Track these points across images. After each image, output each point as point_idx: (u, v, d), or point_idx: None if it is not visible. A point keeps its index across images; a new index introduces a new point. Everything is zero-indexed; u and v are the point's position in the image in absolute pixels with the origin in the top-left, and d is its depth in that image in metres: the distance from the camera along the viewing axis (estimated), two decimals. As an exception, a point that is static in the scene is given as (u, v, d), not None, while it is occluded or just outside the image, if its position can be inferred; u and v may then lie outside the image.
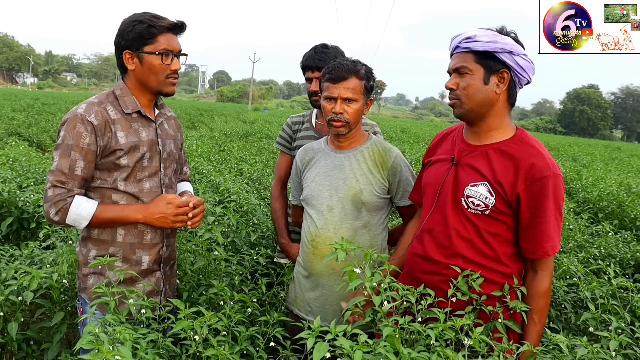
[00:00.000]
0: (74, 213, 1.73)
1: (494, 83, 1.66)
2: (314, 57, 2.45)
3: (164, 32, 1.81)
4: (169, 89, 1.87)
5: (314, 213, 2.05)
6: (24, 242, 3.00)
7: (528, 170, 1.60)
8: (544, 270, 1.66)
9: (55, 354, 2.06)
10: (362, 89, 1.99)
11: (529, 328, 1.61)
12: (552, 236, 1.61)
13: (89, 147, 1.74)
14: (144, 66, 1.81)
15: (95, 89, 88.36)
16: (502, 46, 1.62)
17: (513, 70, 1.66)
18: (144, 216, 1.81)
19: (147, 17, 1.80)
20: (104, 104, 1.81)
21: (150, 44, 1.79)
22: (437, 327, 1.37)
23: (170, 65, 1.82)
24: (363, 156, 2.05)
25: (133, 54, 1.80)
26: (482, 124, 1.71)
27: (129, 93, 1.86)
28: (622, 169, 12.71)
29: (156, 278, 1.92)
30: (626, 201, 5.78)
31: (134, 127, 1.84)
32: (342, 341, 1.24)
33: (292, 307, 2.15)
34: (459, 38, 1.69)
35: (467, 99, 1.68)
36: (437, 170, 1.81)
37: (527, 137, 1.70)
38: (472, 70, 1.66)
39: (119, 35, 1.81)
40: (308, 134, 2.58)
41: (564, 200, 1.65)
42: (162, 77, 1.83)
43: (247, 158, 7.38)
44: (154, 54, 1.79)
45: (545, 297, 1.65)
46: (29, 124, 12.30)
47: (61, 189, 1.73)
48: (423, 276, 1.74)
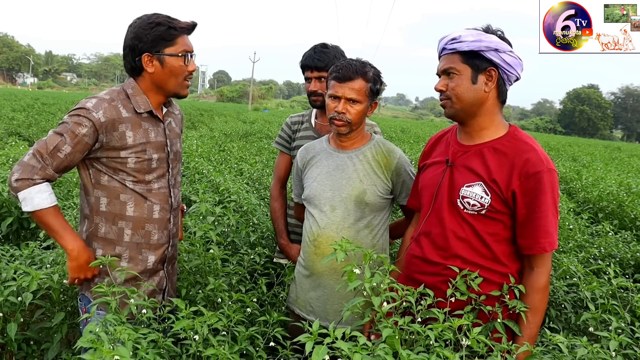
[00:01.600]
0: (30, 193, 1.69)
1: (482, 82, 1.67)
2: (313, 57, 2.44)
3: (183, 34, 1.81)
4: (185, 91, 1.88)
5: (316, 212, 2.05)
6: (24, 242, 3.00)
7: (522, 166, 1.61)
8: (540, 267, 1.65)
9: (55, 354, 2.06)
10: (367, 91, 1.98)
11: (523, 325, 1.61)
12: (549, 232, 1.61)
13: (83, 138, 1.71)
14: (164, 68, 1.80)
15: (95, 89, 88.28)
16: (487, 44, 1.63)
17: (500, 68, 1.67)
18: (72, 250, 1.74)
19: (164, 19, 1.78)
20: (115, 101, 1.79)
21: (170, 45, 1.78)
22: (436, 328, 1.37)
23: (188, 67, 1.83)
24: (366, 157, 2.05)
25: (153, 57, 1.78)
26: (473, 123, 1.72)
27: (141, 93, 1.84)
28: (622, 169, 12.71)
29: (160, 277, 1.92)
30: (626, 201, 5.78)
31: (144, 127, 1.82)
32: (341, 344, 1.24)
33: (293, 307, 2.15)
34: (445, 40, 1.71)
35: (457, 99, 1.70)
36: (432, 173, 1.82)
37: (520, 134, 1.71)
38: (460, 70, 1.68)
39: (134, 37, 1.78)
40: (307, 134, 2.57)
41: (559, 196, 1.64)
42: (181, 79, 1.83)
43: (247, 158, 7.37)
44: (176, 56, 1.79)
45: (541, 294, 1.63)
46: (29, 124, 12.30)
47: (37, 162, 1.70)
48: (422, 277, 1.74)
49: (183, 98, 1.91)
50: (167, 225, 1.91)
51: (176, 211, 1.97)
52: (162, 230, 1.88)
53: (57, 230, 1.75)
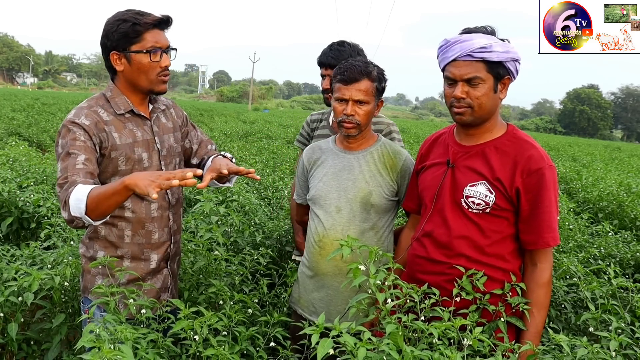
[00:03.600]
0: (73, 199, 1.59)
1: (499, 90, 1.70)
2: (328, 54, 2.40)
3: (150, 29, 1.75)
4: (160, 87, 1.82)
5: (321, 213, 2.04)
6: (24, 242, 3.00)
7: (525, 163, 1.64)
8: (543, 262, 1.68)
9: (55, 355, 2.06)
10: (373, 91, 1.97)
11: (529, 321, 1.62)
12: (552, 227, 1.65)
13: (85, 144, 1.69)
14: (132, 66, 1.76)
15: (95, 89, 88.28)
16: (512, 56, 1.66)
17: (512, 75, 1.71)
18: (129, 177, 1.53)
19: (131, 15, 1.74)
20: (93, 107, 1.77)
21: (136, 42, 1.73)
22: (439, 326, 1.38)
23: (159, 62, 1.77)
24: (373, 158, 2.05)
25: (120, 55, 1.76)
26: (481, 126, 1.74)
27: (119, 94, 1.81)
28: (622, 169, 12.71)
29: (164, 275, 1.92)
30: (626, 201, 5.78)
31: (128, 127, 1.80)
32: (346, 338, 1.24)
33: (296, 307, 2.14)
34: (467, 45, 1.64)
35: (480, 108, 1.68)
36: (432, 174, 1.83)
37: (519, 133, 1.75)
38: (485, 79, 1.65)
39: (103, 36, 1.76)
40: (324, 132, 2.55)
41: (558, 191, 1.70)
42: (153, 75, 1.78)
43: (247, 158, 7.37)
44: (141, 53, 1.74)
45: (545, 288, 1.66)
46: (29, 124, 12.29)
47: (64, 184, 1.67)
48: (425, 277, 1.76)
49: (161, 94, 1.86)
50: (167, 222, 1.91)
51: (175, 207, 1.97)
52: (163, 228, 1.88)
53: (107, 190, 1.55)
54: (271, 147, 9.48)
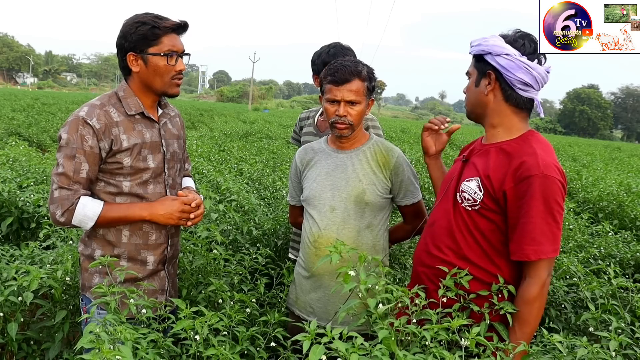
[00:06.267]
0: (79, 214, 1.73)
1: (484, 84, 1.70)
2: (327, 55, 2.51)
3: (168, 33, 1.80)
4: (174, 90, 1.87)
5: (315, 214, 2.04)
6: (24, 242, 3.00)
7: (516, 169, 1.57)
8: (532, 277, 1.57)
9: (56, 354, 2.06)
10: (364, 91, 1.98)
11: (510, 335, 1.55)
12: (536, 240, 1.53)
13: (92, 150, 1.74)
14: (148, 68, 1.80)
15: (95, 89, 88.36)
16: (483, 48, 1.67)
17: (499, 71, 1.65)
18: (150, 213, 1.81)
19: (150, 18, 1.79)
20: (106, 106, 1.80)
21: (154, 45, 1.78)
22: (432, 329, 1.36)
23: (175, 66, 1.82)
24: (365, 156, 2.05)
25: (137, 56, 1.80)
26: (484, 123, 1.76)
27: (132, 94, 1.85)
28: (622, 169, 12.72)
29: (160, 278, 1.93)
30: (626, 201, 5.79)
31: (137, 128, 1.83)
32: (338, 344, 1.24)
33: (293, 308, 2.14)
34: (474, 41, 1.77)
35: (467, 101, 1.79)
36: (454, 167, 1.86)
37: (530, 137, 1.67)
38: (471, 73, 1.76)
39: (121, 37, 1.80)
40: (309, 131, 2.62)
41: (559, 203, 1.56)
42: (168, 78, 1.82)
43: (247, 158, 7.38)
44: (158, 55, 1.79)
45: (529, 305, 1.54)
46: (29, 124, 12.29)
47: (67, 190, 1.73)
48: (423, 269, 1.77)
49: (174, 97, 1.91)
50: (165, 225, 1.91)
51: None
52: (160, 230, 1.89)
53: (125, 216, 1.79)
54: (271, 147, 9.48)
